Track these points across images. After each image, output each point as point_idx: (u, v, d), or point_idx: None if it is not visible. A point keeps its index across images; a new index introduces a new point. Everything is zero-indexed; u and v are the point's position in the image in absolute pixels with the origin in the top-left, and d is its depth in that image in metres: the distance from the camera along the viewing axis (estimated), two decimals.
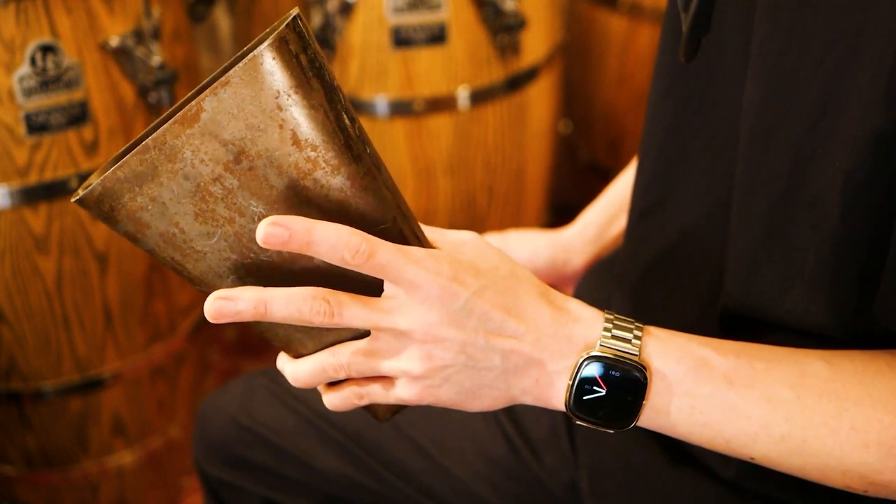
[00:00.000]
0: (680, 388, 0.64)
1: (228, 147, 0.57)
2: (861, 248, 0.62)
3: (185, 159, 0.57)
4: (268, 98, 0.56)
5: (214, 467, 0.98)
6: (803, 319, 0.66)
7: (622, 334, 0.64)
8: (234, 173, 0.58)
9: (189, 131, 0.57)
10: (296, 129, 0.57)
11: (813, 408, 0.63)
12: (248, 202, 0.59)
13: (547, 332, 0.64)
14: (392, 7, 1.39)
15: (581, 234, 0.98)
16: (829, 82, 0.60)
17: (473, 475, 0.89)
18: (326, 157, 0.58)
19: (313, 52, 0.58)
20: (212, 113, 0.56)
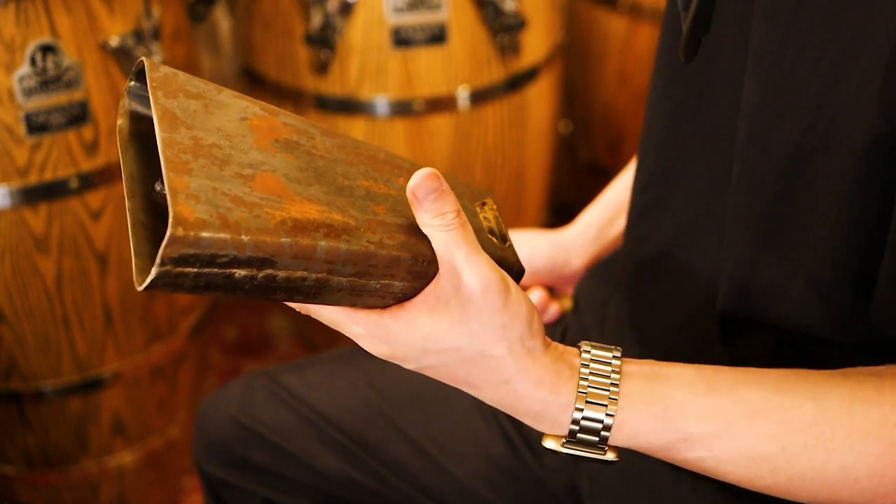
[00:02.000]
0: (652, 454, 0.64)
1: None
2: (857, 250, 0.62)
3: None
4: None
5: (214, 467, 0.98)
6: (800, 321, 0.66)
7: (588, 434, 0.62)
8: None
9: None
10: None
11: (798, 457, 0.62)
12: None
13: (500, 407, 0.64)
14: (392, 7, 1.39)
15: (581, 234, 0.98)
16: (825, 83, 0.60)
17: (473, 475, 0.89)
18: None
19: (194, 277, 0.56)
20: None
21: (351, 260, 0.59)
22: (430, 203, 0.59)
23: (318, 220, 0.58)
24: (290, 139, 0.62)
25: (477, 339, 0.60)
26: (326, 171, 0.62)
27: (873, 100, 0.57)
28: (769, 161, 0.64)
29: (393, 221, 0.61)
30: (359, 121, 1.47)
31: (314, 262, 0.58)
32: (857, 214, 0.60)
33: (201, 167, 0.57)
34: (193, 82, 0.62)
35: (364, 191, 0.62)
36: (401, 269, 0.60)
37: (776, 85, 0.62)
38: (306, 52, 1.45)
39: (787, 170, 0.63)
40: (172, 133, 0.58)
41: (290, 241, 0.56)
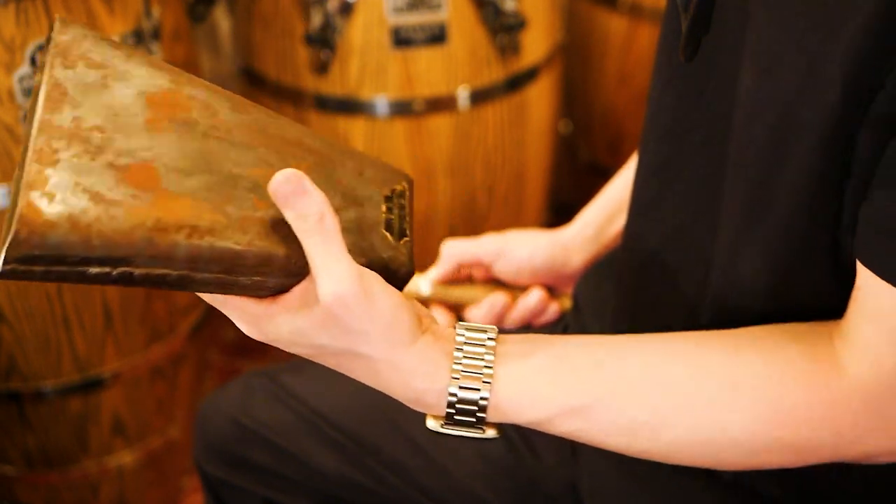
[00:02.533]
0: (532, 427, 0.66)
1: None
2: (825, 233, 0.62)
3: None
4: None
5: (214, 467, 0.98)
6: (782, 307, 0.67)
7: (466, 415, 0.64)
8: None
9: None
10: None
11: (673, 421, 0.63)
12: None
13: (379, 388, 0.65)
14: (392, 7, 1.39)
15: (580, 233, 0.98)
16: (806, 67, 0.60)
17: (472, 475, 0.89)
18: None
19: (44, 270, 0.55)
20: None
21: (215, 259, 0.58)
22: (292, 203, 0.59)
23: (182, 220, 0.57)
24: (188, 118, 0.61)
25: (340, 341, 0.62)
26: (216, 156, 0.60)
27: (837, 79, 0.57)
28: (753, 147, 0.64)
29: (273, 216, 0.60)
30: (359, 121, 1.47)
31: (175, 262, 0.57)
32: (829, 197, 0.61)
33: (71, 157, 0.56)
34: (101, 48, 0.60)
35: (251, 182, 0.61)
36: (272, 267, 0.60)
37: (765, 70, 0.63)
38: (306, 52, 1.45)
39: (766, 156, 0.64)
40: (53, 114, 0.57)
41: (145, 242, 0.56)
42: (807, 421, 0.62)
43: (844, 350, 0.62)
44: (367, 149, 1.48)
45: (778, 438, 0.62)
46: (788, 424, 0.62)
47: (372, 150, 1.48)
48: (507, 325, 0.97)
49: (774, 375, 0.62)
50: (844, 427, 0.62)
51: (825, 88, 0.59)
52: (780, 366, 0.62)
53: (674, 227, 0.76)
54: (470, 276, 1.00)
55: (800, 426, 0.62)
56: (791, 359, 0.62)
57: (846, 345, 0.62)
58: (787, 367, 0.62)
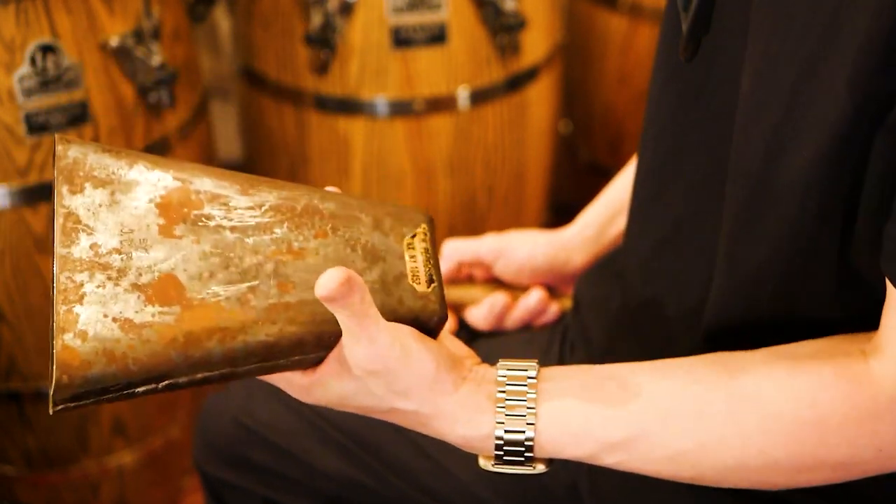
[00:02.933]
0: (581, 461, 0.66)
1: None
2: (835, 233, 0.62)
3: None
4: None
5: (215, 467, 0.98)
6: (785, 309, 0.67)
7: (513, 455, 0.65)
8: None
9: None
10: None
11: (716, 449, 0.63)
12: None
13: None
14: (392, 7, 1.39)
15: (580, 233, 0.98)
16: (804, 68, 0.60)
17: (474, 476, 0.89)
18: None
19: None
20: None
21: (251, 354, 0.60)
22: (342, 305, 0.59)
23: (213, 327, 0.59)
24: (199, 214, 0.62)
25: (385, 400, 0.64)
26: (234, 249, 0.62)
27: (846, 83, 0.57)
28: (752, 149, 0.64)
29: (300, 299, 0.62)
30: (359, 121, 1.47)
31: (213, 365, 0.60)
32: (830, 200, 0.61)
33: (95, 288, 0.58)
34: (103, 162, 0.62)
35: (271, 268, 0.62)
36: (308, 346, 0.62)
37: (764, 72, 0.63)
38: (306, 52, 1.45)
39: (765, 158, 0.64)
40: (71, 247, 0.59)
41: (181, 357, 0.58)
42: (847, 440, 0.62)
43: (879, 366, 0.61)
44: (367, 149, 1.48)
45: (819, 458, 0.63)
46: (829, 444, 0.62)
47: (372, 150, 1.48)
48: (507, 325, 0.97)
49: (811, 397, 0.62)
50: (886, 443, 0.62)
51: (827, 92, 0.59)
52: (816, 387, 0.62)
53: (674, 226, 0.76)
54: (470, 276, 1.00)
55: (840, 445, 0.62)
56: (828, 380, 0.62)
57: (881, 361, 0.61)
58: (824, 388, 0.62)
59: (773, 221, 0.65)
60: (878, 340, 0.62)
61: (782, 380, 0.63)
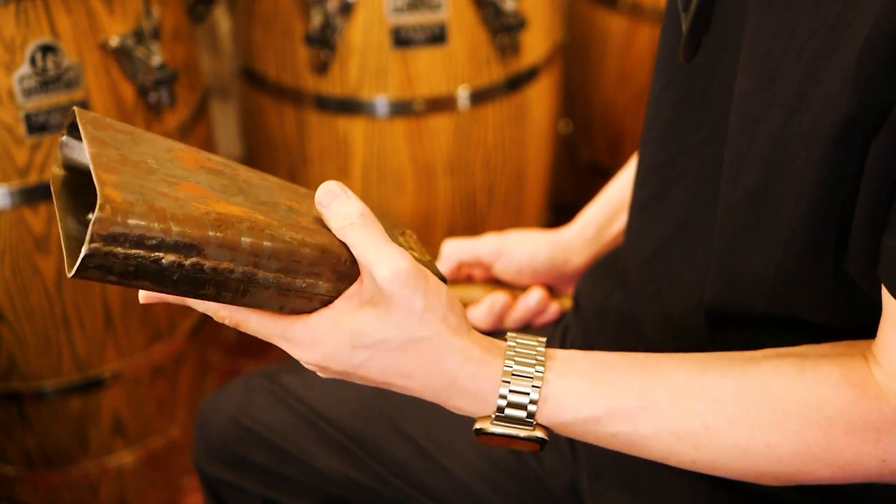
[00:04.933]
0: (579, 435, 0.66)
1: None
2: (832, 236, 0.62)
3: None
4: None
5: (214, 467, 0.98)
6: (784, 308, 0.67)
7: (516, 409, 0.65)
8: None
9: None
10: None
11: (723, 434, 0.64)
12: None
13: (433, 396, 0.66)
14: (392, 7, 1.39)
15: (580, 233, 0.98)
16: (807, 71, 0.60)
17: (474, 475, 0.89)
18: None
19: (122, 263, 0.58)
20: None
21: (275, 254, 0.61)
22: (336, 207, 0.63)
23: (242, 216, 0.61)
24: (214, 167, 0.66)
25: (403, 328, 0.63)
26: (249, 189, 0.66)
27: (846, 84, 0.57)
28: (753, 151, 0.64)
29: (315, 229, 0.64)
30: (359, 121, 1.47)
31: (240, 254, 0.60)
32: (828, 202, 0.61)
33: (129, 172, 0.60)
34: (121, 124, 0.65)
35: (286, 207, 0.65)
36: (325, 267, 0.63)
37: (766, 74, 0.63)
38: (306, 52, 1.45)
39: (767, 160, 0.64)
40: (102, 149, 0.60)
41: (214, 228, 0.59)
42: (852, 445, 0.62)
43: (883, 377, 0.62)
44: (367, 149, 1.49)
45: (823, 459, 0.63)
46: (833, 447, 0.62)
47: (372, 150, 1.49)
48: (507, 325, 0.97)
49: (818, 398, 0.62)
50: (889, 454, 0.62)
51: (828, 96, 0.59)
52: (823, 388, 0.62)
53: (675, 226, 0.76)
54: (470, 275, 1.00)
55: (845, 450, 0.62)
56: (835, 383, 0.62)
57: (884, 372, 0.62)
58: (831, 391, 0.62)
59: (771, 223, 0.65)
60: (877, 351, 0.62)
61: (791, 378, 0.63)
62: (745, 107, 0.65)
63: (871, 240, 0.59)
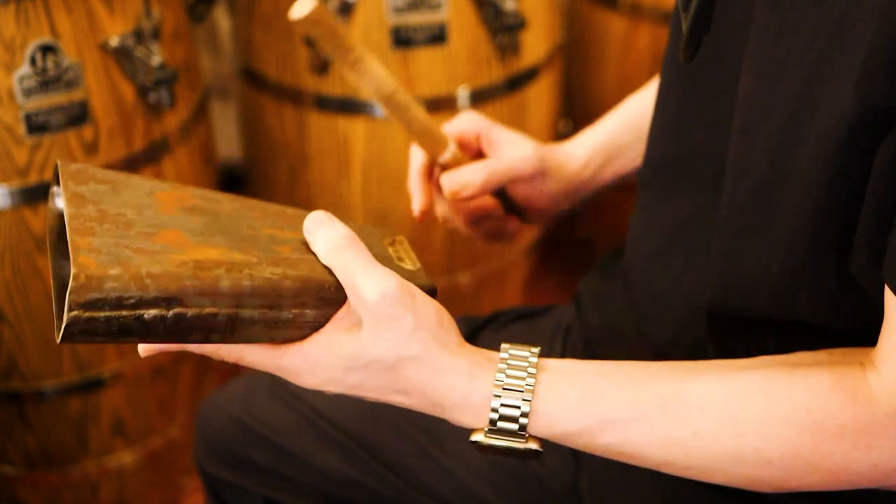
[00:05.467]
0: (572, 445, 0.66)
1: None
2: (832, 240, 0.62)
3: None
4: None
5: (215, 467, 0.98)
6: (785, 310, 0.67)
7: (508, 421, 0.65)
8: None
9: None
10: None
11: (713, 440, 0.64)
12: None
13: (430, 410, 0.67)
14: (392, 7, 1.39)
15: (583, 168, 0.96)
16: (811, 73, 0.60)
17: (475, 475, 0.89)
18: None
19: (106, 320, 0.59)
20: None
21: (257, 292, 0.62)
22: (321, 232, 0.65)
23: (219, 259, 0.62)
24: (195, 205, 0.67)
25: (393, 347, 0.64)
26: (231, 225, 0.66)
27: (852, 87, 0.57)
28: (757, 150, 0.64)
29: (298, 258, 0.65)
30: (359, 121, 1.47)
31: (220, 297, 0.61)
32: (831, 204, 0.61)
33: (105, 230, 0.61)
34: (105, 173, 0.66)
35: (269, 238, 0.66)
36: (309, 297, 0.64)
37: (770, 74, 0.63)
38: (306, 52, 1.45)
39: (771, 159, 0.64)
40: (79, 209, 0.62)
41: (192, 278, 0.60)
42: (842, 450, 0.62)
43: (877, 382, 0.62)
44: (367, 149, 1.49)
45: (814, 464, 0.63)
46: (824, 452, 0.62)
47: (372, 150, 1.48)
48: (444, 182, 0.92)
49: (808, 403, 0.62)
50: (882, 459, 0.62)
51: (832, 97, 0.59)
52: (813, 394, 0.62)
53: (678, 225, 0.76)
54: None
55: (835, 454, 0.62)
56: (826, 388, 0.62)
57: (879, 377, 0.62)
58: (821, 396, 0.62)
59: (774, 224, 0.65)
60: (877, 356, 0.62)
61: (781, 384, 0.63)
62: (749, 107, 0.65)
63: (877, 241, 0.59)
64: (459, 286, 1.62)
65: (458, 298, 1.63)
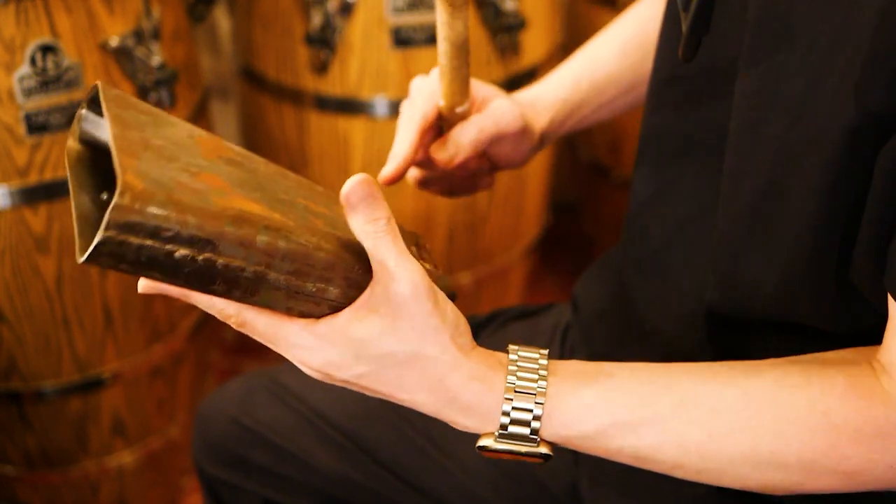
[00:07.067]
0: (584, 449, 0.65)
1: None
2: (832, 245, 0.62)
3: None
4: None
5: (214, 467, 0.98)
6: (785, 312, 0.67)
7: (519, 426, 0.64)
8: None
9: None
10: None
11: (728, 443, 0.63)
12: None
13: (435, 413, 0.65)
14: (392, 7, 1.39)
15: (545, 128, 0.93)
16: (812, 77, 0.60)
17: (474, 475, 0.89)
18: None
19: (135, 252, 0.57)
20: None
21: (289, 256, 0.60)
22: (364, 207, 0.60)
23: (260, 215, 0.60)
24: (234, 158, 0.64)
25: (410, 342, 0.62)
26: (268, 185, 0.64)
27: (851, 93, 0.57)
28: (758, 155, 0.64)
29: (331, 233, 0.63)
30: (359, 121, 1.47)
31: (254, 253, 0.59)
32: (833, 210, 0.61)
33: (149, 158, 0.58)
34: (145, 105, 0.64)
35: (303, 207, 0.64)
36: (337, 273, 0.62)
37: (770, 78, 0.63)
38: (306, 52, 1.45)
39: (772, 164, 0.63)
40: (124, 130, 0.59)
41: (231, 227, 0.58)
42: (859, 452, 0.62)
43: (891, 384, 0.61)
44: (367, 149, 1.48)
45: (830, 467, 0.62)
46: (840, 454, 0.62)
47: (372, 150, 1.48)
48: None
49: (824, 406, 0.62)
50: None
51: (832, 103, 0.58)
52: (829, 396, 0.62)
53: (675, 226, 0.76)
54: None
55: (852, 457, 0.62)
56: (840, 390, 0.62)
57: (892, 379, 0.61)
58: (837, 398, 0.62)
59: (775, 227, 0.64)
60: (886, 362, 0.62)
61: (797, 386, 0.63)
62: (747, 109, 0.65)
63: (878, 249, 0.59)
64: (459, 286, 1.62)
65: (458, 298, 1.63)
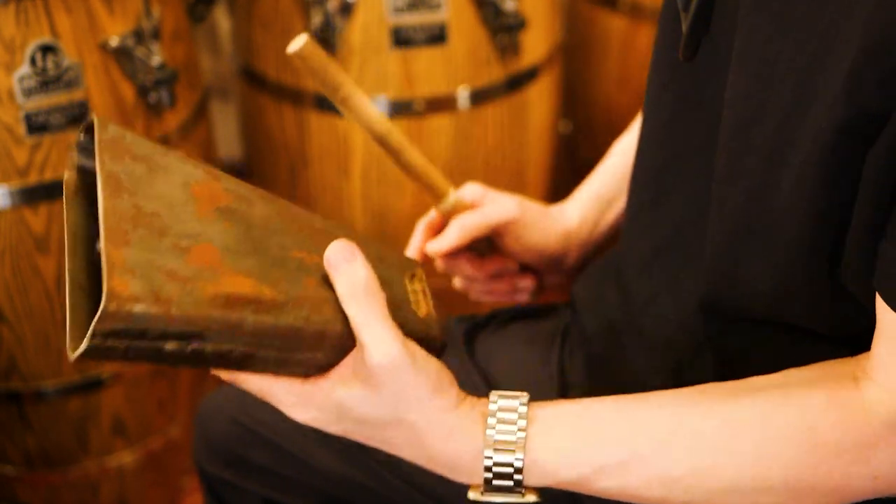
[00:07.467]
0: (571, 489, 0.66)
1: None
2: (825, 243, 0.62)
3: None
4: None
5: (214, 467, 0.98)
6: (781, 313, 0.66)
7: (503, 479, 0.64)
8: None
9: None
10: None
11: (711, 476, 0.63)
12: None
13: (422, 465, 0.67)
14: (392, 7, 1.39)
15: (578, 230, 0.97)
16: (803, 75, 0.60)
17: None
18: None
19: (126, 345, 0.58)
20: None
21: (279, 334, 0.61)
22: (345, 271, 0.62)
23: (249, 295, 0.60)
24: (229, 206, 0.64)
25: (389, 409, 0.64)
26: (263, 241, 0.64)
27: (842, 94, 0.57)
28: (750, 154, 0.64)
29: (321, 296, 0.63)
30: None
31: (242, 336, 0.60)
32: (825, 209, 0.61)
33: (140, 238, 0.58)
34: (140, 144, 0.63)
35: (297, 262, 0.64)
36: (325, 344, 0.63)
37: (761, 77, 0.63)
38: None
39: (764, 163, 0.63)
40: (115, 200, 0.59)
41: (219, 316, 0.58)
42: (840, 467, 0.61)
43: (871, 393, 0.61)
44: (367, 149, 1.48)
45: (813, 484, 0.62)
46: (823, 471, 0.61)
47: (372, 150, 1.49)
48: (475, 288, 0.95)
49: (805, 424, 0.62)
50: (881, 470, 0.61)
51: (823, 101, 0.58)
52: (809, 414, 0.62)
53: (673, 229, 0.76)
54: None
55: (833, 472, 0.61)
56: (821, 407, 0.62)
57: (873, 388, 0.61)
58: (817, 415, 0.62)
59: (768, 227, 0.64)
60: (869, 366, 0.62)
61: (776, 406, 0.63)
62: (739, 109, 0.65)
63: (868, 250, 0.59)
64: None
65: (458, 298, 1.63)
